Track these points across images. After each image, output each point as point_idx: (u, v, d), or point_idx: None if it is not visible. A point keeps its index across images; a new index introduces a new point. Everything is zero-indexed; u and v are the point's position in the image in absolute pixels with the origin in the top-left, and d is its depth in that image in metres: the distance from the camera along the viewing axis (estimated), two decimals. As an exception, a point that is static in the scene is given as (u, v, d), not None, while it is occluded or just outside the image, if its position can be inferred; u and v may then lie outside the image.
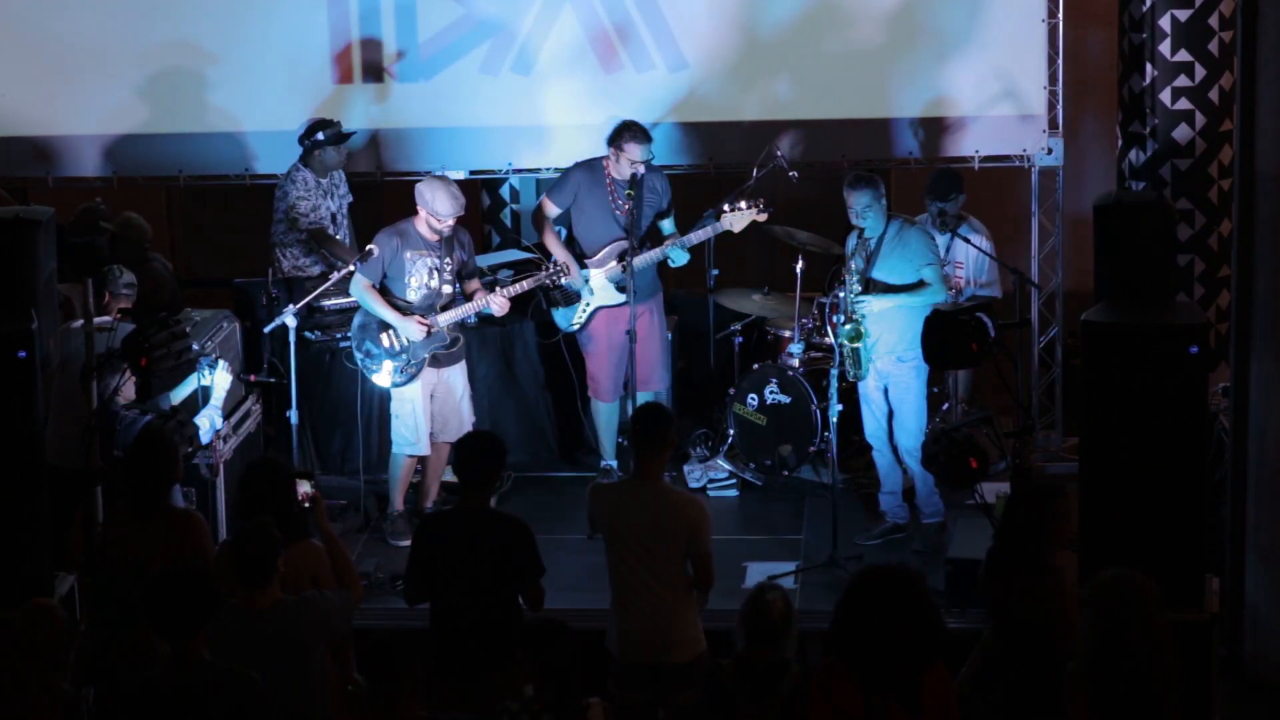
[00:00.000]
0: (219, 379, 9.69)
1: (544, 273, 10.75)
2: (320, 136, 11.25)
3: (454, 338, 10.56)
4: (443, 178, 10.66)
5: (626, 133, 10.78)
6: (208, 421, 9.66)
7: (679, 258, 10.90)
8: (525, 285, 10.73)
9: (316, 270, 11.22)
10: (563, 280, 10.83)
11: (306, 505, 7.95)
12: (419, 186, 10.47)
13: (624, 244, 10.81)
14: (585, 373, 11.20)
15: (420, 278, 10.48)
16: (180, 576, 6.77)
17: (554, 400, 11.64)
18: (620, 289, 10.86)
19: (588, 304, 10.98)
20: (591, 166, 10.99)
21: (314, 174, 11.32)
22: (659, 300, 11.12)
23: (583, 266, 10.93)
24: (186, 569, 6.94)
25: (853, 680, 6.34)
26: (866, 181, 10.12)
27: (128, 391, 9.50)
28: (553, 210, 11.06)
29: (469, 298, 10.58)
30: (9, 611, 7.67)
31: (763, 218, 10.82)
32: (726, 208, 10.82)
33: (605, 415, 11.09)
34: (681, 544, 8.04)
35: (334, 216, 11.45)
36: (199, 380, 9.72)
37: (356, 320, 10.63)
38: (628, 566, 8.07)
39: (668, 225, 10.99)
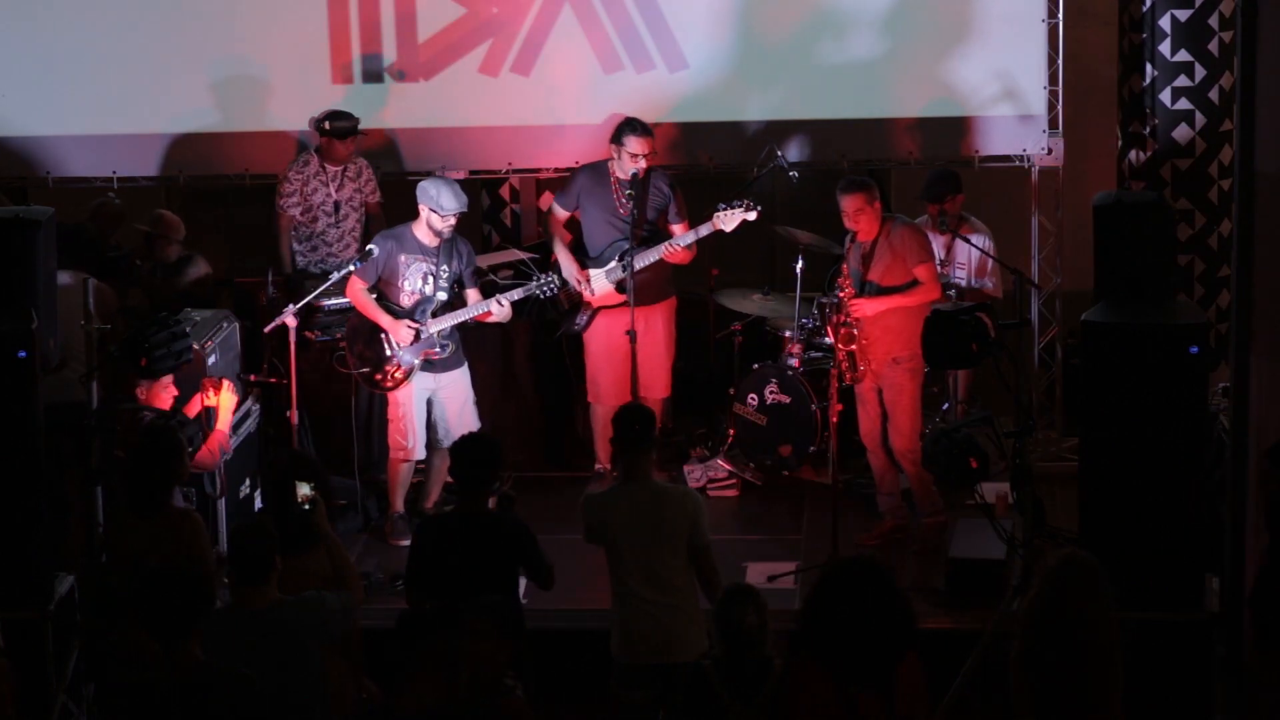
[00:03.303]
0: (224, 400, 9.55)
1: (534, 284, 10.71)
2: (327, 126, 11.27)
3: (444, 344, 10.54)
4: (444, 177, 10.67)
5: (625, 127, 10.77)
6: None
7: (675, 255, 10.86)
8: (517, 295, 10.67)
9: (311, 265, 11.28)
10: (555, 289, 10.78)
11: (307, 507, 7.95)
12: (422, 184, 10.46)
13: (625, 244, 10.80)
14: (585, 375, 11.19)
15: (414, 282, 10.46)
16: (172, 577, 6.75)
17: (554, 401, 11.64)
18: (622, 290, 10.85)
19: (589, 304, 10.96)
20: (596, 169, 10.98)
21: (322, 160, 11.35)
22: (669, 308, 11.05)
23: (583, 268, 10.92)
24: (179, 569, 6.92)
25: (826, 674, 6.35)
26: (859, 185, 10.11)
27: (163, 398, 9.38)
28: (561, 214, 11.02)
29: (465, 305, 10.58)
30: None
31: (752, 216, 10.77)
32: (721, 208, 10.80)
33: (603, 419, 11.06)
34: (682, 539, 8.05)
35: (337, 205, 11.43)
36: (203, 401, 9.56)
37: (349, 322, 10.64)
38: (628, 568, 8.08)
39: (686, 238, 10.87)
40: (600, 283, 10.90)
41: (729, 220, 10.75)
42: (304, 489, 7.90)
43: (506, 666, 6.81)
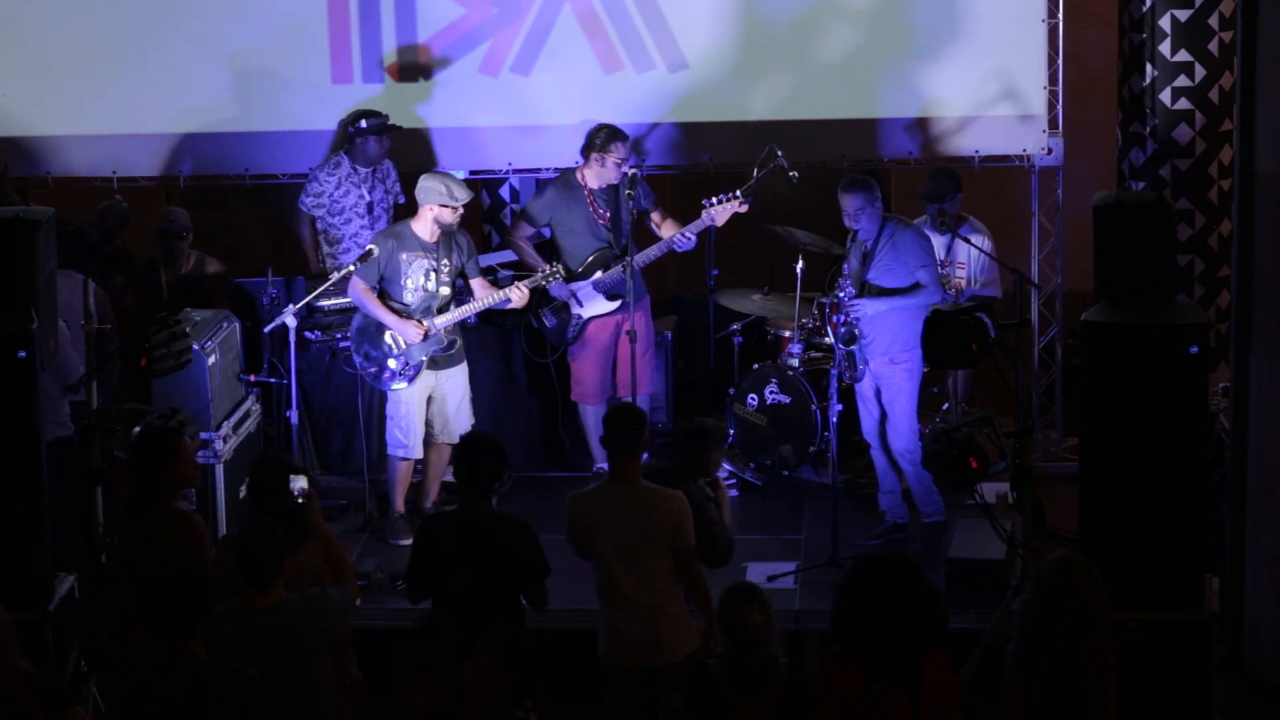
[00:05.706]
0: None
1: (540, 274, 10.73)
2: (362, 125, 11.25)
3: (451, 340, 10.56)
4: (440, 171, 10.68)
5: (609, 135, 10.76)
6: None
7: (684, 245, 10.88)
8: (527, 284, 10.70)
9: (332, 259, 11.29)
10: (550, 286, 10.78)
11: (301, 501, 7.92)
12: (425, 183, 10.44)
13: (607, 252, 10.80)
14: (569, 382, 11.16)
15: (416, 280, 10.47)
16: (174, 578, 6.75)
17: (553, 401, 11.63)
18: (610, 297, 10.86)
19: (579, 317, 10.96)
20: (566, 181, 10.97)
21: (353, 162, 11.32)
22: (646, 304, 11.09)
23: (569, 281, 10.91)
24: (181, 570, 6.92)
25: (855, 667, 6.38)
26: (860, 184, 10.10)
27: None
28: (528, 230, 11.02)
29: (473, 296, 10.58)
30: None
31: (744, 208, 10.79)
32: (707, 203, 10.80)
33: (593, 418, 11.06)
34: (667, 540, 8.04)
35: (370, 206, 11.40)
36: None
37: (354, 323, 10.63)
38: (614, 569, 8.06)
39: (687, 230, 10.85)
40: (589, 294, 10.89)
41: (720, 214, 10.77)
42: (299, 482, 7.85)
43: (511, 698, 6.78)
